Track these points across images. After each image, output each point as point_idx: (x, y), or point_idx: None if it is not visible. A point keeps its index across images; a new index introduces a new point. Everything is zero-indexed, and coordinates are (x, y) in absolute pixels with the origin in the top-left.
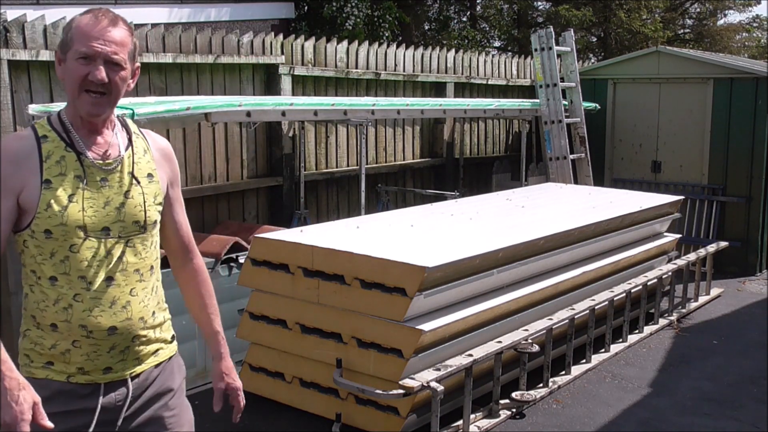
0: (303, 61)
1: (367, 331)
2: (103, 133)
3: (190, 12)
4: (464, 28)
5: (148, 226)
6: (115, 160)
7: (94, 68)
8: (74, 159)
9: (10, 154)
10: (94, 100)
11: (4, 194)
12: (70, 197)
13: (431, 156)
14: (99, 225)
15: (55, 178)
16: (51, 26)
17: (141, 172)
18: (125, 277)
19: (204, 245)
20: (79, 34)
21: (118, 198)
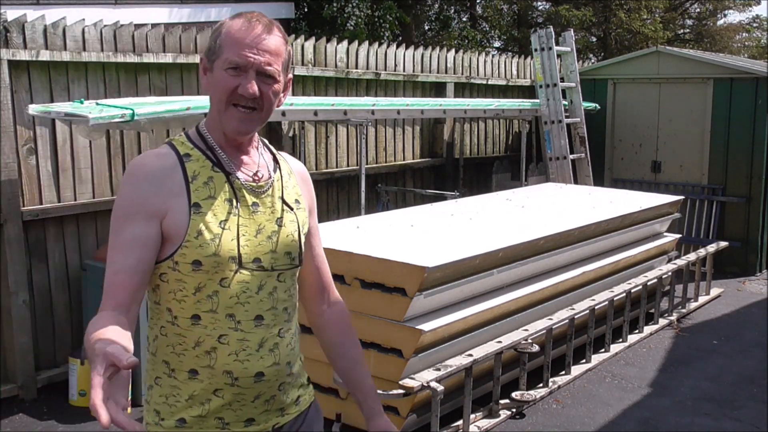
0: (303, 61)
1: (367, 331)
2: (249, 152)
3: (190, 12)
4: (464, 28)
5: (301, 257)
6: (267, 182)
7: (245, 80)
8: (223, 180)
9: (149, 173)
10: (242, 116)
11: (146, 218)
12: (221, 223)
13: (431, 156)
14: (252, 256)
15: (204, 202)
16: (51, 26)
17: (290, 197)
18: (274, 317)
19: None
20: (229, 40)
21: (271, 225)
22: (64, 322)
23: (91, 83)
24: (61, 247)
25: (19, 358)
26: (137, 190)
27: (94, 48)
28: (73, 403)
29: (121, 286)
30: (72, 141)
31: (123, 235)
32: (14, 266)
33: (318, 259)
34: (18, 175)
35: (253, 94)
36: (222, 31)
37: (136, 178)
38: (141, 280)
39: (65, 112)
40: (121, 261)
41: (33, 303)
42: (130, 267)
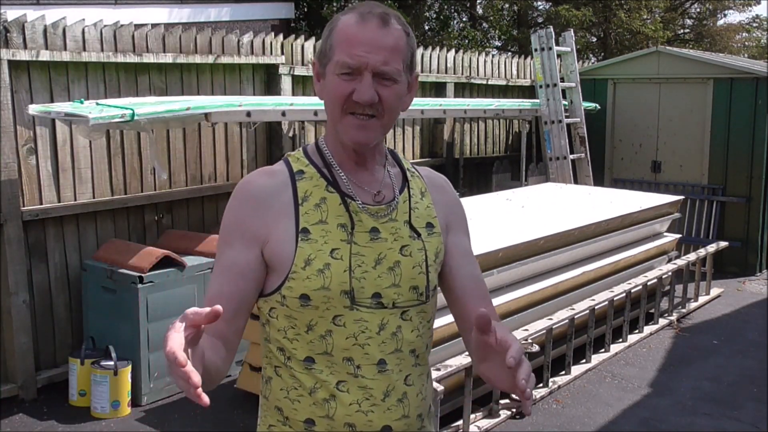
0: (303, 61)
1: None
2: (373, 168)
3: (190, 12)
4: (464, 28)
5: (429, 293)
6: (389, 204)
7: (359, 84)
8: (337, 202)
9: (252, 193)
10: (360, 123)
11: (245, 243)
12: (332, 252)
13: (431, 156)
14: (369, 290)
15: (314, 227)
16: (51, 26)
17: (419, 221)
18: (400, 360)
19: (204, 245)
20: (341, 39)
21: (393, 255)
22: (64, 322)
23: (91, 83)
24: (61, 247)
25: (19, 358)
26: (238, 212)
27: (94, 48)
28: (73, 403)
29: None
30: (72, 141)
31: (221, 260)
32: (14, 266)
33: (472, 281)
34: (18, 175)
35: (369, 100)
36: (333, 29)
37: (239, 198)
38: (237, 309)
39: (65, 112)
40: (217, 288)
41: (33, 303)
42: (226, 295)
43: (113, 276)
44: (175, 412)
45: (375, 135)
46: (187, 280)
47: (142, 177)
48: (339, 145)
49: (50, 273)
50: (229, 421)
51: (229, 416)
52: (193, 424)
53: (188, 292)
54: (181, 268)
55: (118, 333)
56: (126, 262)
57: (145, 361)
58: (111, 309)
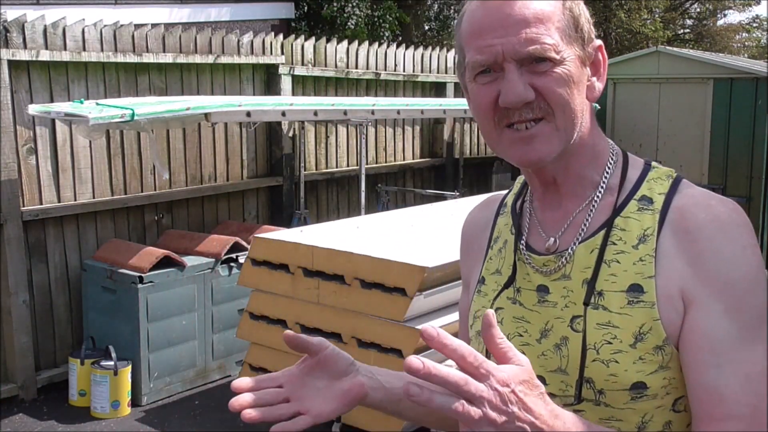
0: (303, 61)
1: (367, 331)
2: (568, 200)
3: (190, 12)
4: None
5: (603, 392)
6: (562, 254)
7: (503, 83)
8: (512, 248)
9: (465, 229)
10: (521, 136)
11: (464, 286)
12: (496, 312)
13: (431, 156)
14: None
15: (490, 277)
16: (51, 26)
17: (612, 282)
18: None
19: (204, 245)
20: (466, 34)
21: (561, 327)
22: (64, 322)
23: (91, 83)
24: (61, 247)
25: (19, 358)
26: (460, 249)
27: (94, 48)
28: (73, 403)
29: None
30: (72, 141)
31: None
32: (14, 266)
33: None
34: (18, 175)
35: (519, 99)
36: (460, 27)
37: (461, 233)
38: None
39: (65, 112)
40: (461, 327)
41: (33, 303)
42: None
43: (113, 276)
44: (175, 412)
45: (549, 146)
46: (187, 280)
47: (142, 177)
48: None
49: (50, 273)
50: (230, 421)
51: (229, 416)
52: (193, 424)
53: (188, 292)
54: (181, 268)
55: (118, 333)
56: (126, 262)
57: (145, 361)
58: (111, 309)
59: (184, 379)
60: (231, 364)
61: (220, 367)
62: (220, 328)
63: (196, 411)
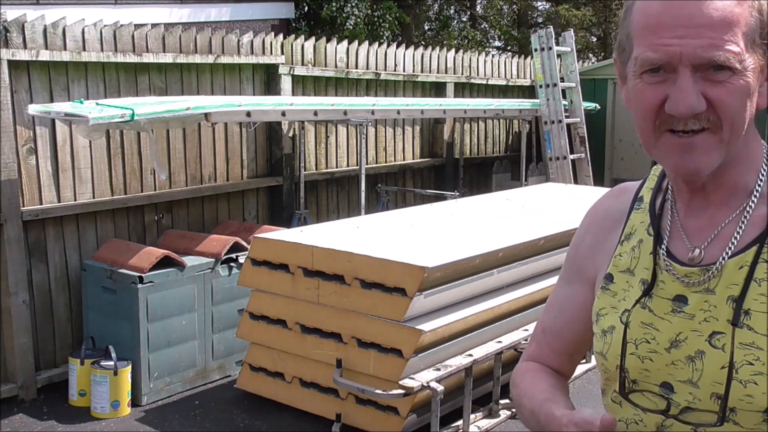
0: (303, 61)
1: (367, 331)
2: (718, 207)
3: (190, 12)
4: (464, 28)
5: (735, 411)
6: (708, 267)
7: (673, 88)
8: (649, 250)
9: (593, 218)
10: (682, 142)
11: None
12: (624, 314)
13: (431, 156)
14: (656, 378)
15: (620, 276)
16: (51, 26)
17: (761, 301)
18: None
19: (204, 245)
20: (639, 25)
21: (697, 341)
22: (64, 322)
23: (91, 83)
24: (61, 247)
25: (19, 358)
26: (577, 238)
27: (94, 48)
28: (73, 403)
29: (548, 347)
30: (72, 141)
31: (557, 290)
32: (14, 266)
33: None
34: (18, 175)
35: (690, 110)
36: (628, 11)
37: (583, 222)
38: (567, 346)
39: (65, 112)
40: (550, 319)
41: (33, 303)
42: (556, 331)
43: (113, 276)
44: (175, 412)
45: (708, 158)
46: (187, 280)
47: (142, 177)
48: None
49: (50, 273)
50: (229, 421)
51: (229, 416)
52: (193, 424)
53: (188, 292)
54: (181, 268)
55: (118, 333)
56: (126, 262)
57: (145, 361)
58: (111, 309)
59: (184, 379)
60: (231, 364)
61: (220, 367)
62: (220, 328)
63: (196, 411)
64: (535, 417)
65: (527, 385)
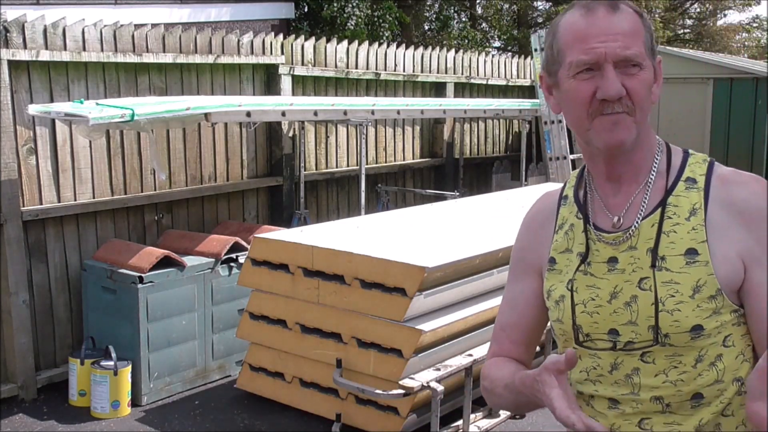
0: (303, 61)
1: (367, 331)
2: (628, 186)
3: (190, 12)
4: (464, 28)
5: (668, 336)
6: (626, 230)
7: (602, 80)
8: (581, 229)
9: (529, 219)
10: (612, 119)
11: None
12: (569, 284)
13: (431, 156)
14: (602, 327)
15: (560, 256)
16: (51, 26)
17: (673, 248)
18: (636, 404)
19: (204, 245)
20: (569, 39)
21: (630, 288)
22: (64, 322)
23: (91, 83)
24: (61, 247)
25: (19, 358)
26: (517, 242)
27: (94, 48)
28: (73, 403)
29: (508, 339)
30: (72, 141)
31: (507, 292)
32: (14, 266)
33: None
34: (18, 175)
35: (617, 94)
36: (556, 33)
37: (521, 227)
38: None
39: (65, 112)
40: (506, 316)
41: (33, 303)
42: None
43: (113, 276)
44: (175, 412)
45: (629, 132)
46: (187, 280)
47: (142, 177)
48: (592, 162)
49: (50, 273)
50: (229, 421)
51: (229, 416)
52: (193, 424)
53: (188, 292)
54: (181, 268)
55: (118, 333)
56: (126, 262)
57: (145, 361)
58: (111, 309)
59: (184, 379)
60: (231, 364)
61: (220, 367)
62: (220, 328)
63: (196, 411)
64: (509, 387)
65: (496, 372)
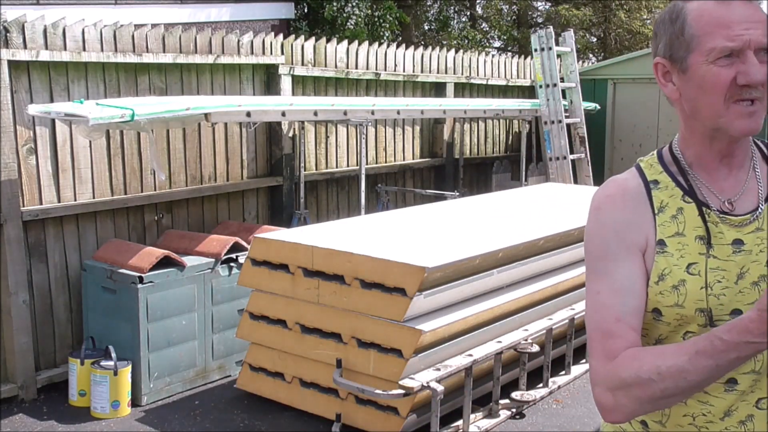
0: (303, 61)
1: (367, 331)
2: (737, 169)
3: (190, 12)
4: (464, 28)
5: None
6: (752, 212)
7: (744, 66)
8: (695, 213)
9: (625, 195)
10: (749, 110)
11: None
12: (689, 267)
13: (431, 156)
14: (728, 308)
15: (671, 240)
16: (51, 26)
17: None
18: (753, 382)
19: (204, 245)
20: (707, 25)
21: (758, 269)
22: (64, 322)
23: (91, 83)
24: (61, 247)
25: (19, 358)
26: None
27: (94, 48)
28: (73, 403)
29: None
30: (72, 141)
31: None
32: (14, 266)
33: None
34: (18, 175)
35: (762, 79)
36: (686, 19)
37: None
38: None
39: (65, 112)
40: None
41: (33, 303)
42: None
43: (113, 276)
44: (175, 412)
45: (761, 121)
46: (187, 280)
47: (142, 177)
48: (702, 145)
49: (50, 273)
50: (229, 421)
51: (229, 416)
52: (193, 424)
53: (188, 292)
54: (181, 268)
55: (118, 333)
56: (126, 262)
57: (145, 361)
58: (111, 309)
59: (184, 379)
60: (231, 364)
61: (220, 367)
62: (220, 328)
63: (196, 411)
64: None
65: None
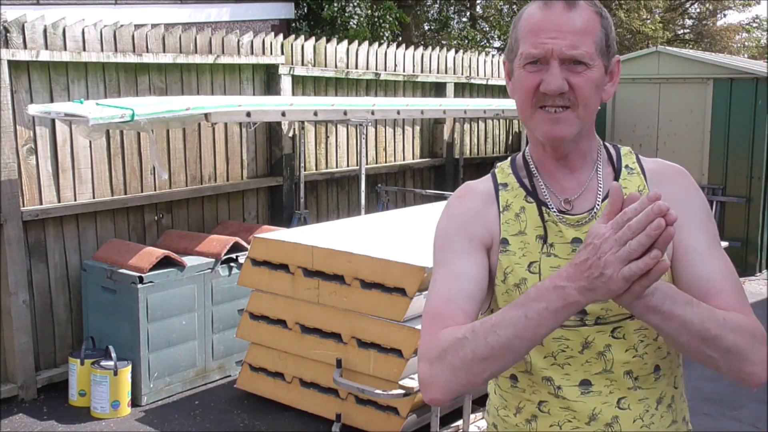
0: (303, 61)
1: (367, 331)
2: (579, 171)
3: (190, 12)
4: (464, 28)
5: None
6: (589, 211)
7: (546, 74)
8: (535, 212)
9: (474, 195)
10: (551, 117)
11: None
12: (530, 266)
13: (431, 156)
14: None
15: (514, 238)
16: (51, 26)
17: None
18: (610, 382)
19: (204, 245)
20: (525, 30)
21: None
22: (64, 322)
23: (91, 83)
24: (61, 247)
25: (19, 358)
26: (455, 217)
27: (94, 48)
28: (73, 403)
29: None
30: (72, 141)
31: (445, 268)
32: (14, 266)
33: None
34: (18, 175)
35: (556, 89)
36: (517, 23)
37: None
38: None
39: (65, 112)
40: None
41: (33, 303)
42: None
43: (113, 276)
44: (175, 412)
45: (570, 128)
46: (187, 280)
47: (142, 177)
48: (540, 148)
49: (50, 273)
50: (229, 421)
51: (229, 416)
52: (193, 424)
53: (188, 292)
54: (181, 268)
55: (118, 333)
56: (126, 262)
57: (145, 361)
58: (111, 309)
59: (184, 379)
60: (231, 364)
61: (220, 367)
62: (220, 328)
63: (196, 411)
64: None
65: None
